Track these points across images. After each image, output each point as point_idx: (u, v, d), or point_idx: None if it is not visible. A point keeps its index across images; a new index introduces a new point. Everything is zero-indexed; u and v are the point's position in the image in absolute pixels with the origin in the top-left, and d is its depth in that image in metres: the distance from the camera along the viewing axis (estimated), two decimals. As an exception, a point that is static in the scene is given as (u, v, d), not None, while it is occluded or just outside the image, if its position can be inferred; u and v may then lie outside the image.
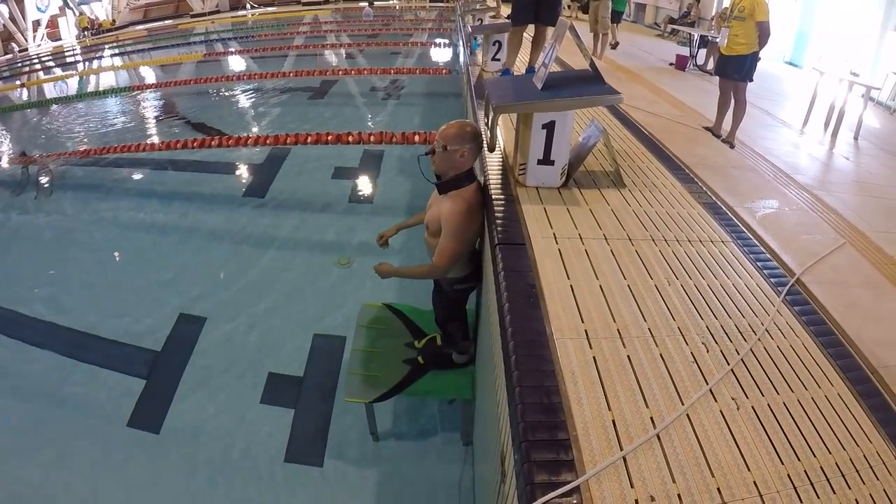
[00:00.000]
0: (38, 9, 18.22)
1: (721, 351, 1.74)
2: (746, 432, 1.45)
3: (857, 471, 1.38)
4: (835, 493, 1.31)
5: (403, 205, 5.73)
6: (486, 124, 3.02)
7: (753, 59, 4.57)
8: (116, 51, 16.36)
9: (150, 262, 4.86)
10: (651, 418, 1.46)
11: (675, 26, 11.89)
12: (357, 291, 4.24)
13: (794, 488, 1.31)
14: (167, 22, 22.56)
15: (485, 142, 2.60)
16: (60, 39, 19.39)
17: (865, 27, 7.92)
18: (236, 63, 12.89)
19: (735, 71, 4.63)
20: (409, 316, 3.31)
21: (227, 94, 10.31)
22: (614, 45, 9.40)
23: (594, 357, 1.66)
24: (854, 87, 5.51)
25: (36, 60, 16.14)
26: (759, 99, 6.00)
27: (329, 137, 6.06)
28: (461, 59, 8.60)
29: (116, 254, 5.07)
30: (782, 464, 1.37)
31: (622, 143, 3.84)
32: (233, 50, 14.26)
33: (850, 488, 1.33)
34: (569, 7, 14.26)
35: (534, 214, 2.54)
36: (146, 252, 5.04)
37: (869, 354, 1.84)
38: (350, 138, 6.09)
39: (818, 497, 1.30)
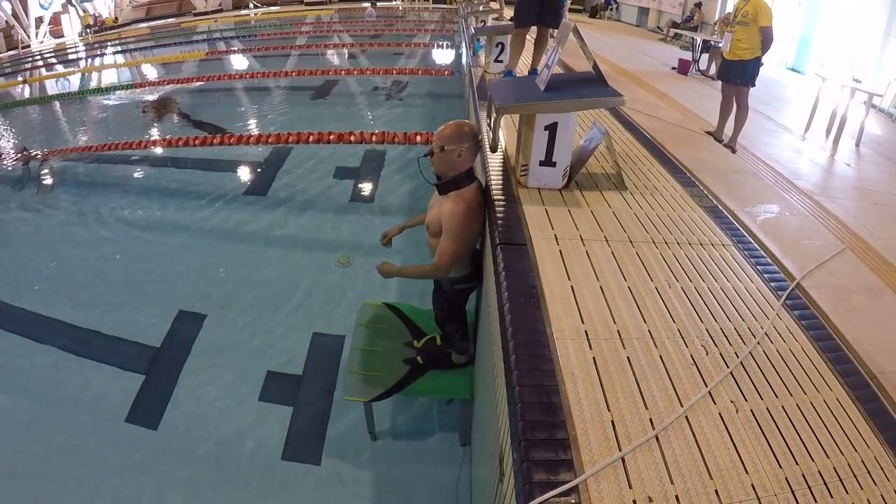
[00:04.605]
0: (41, 6, 18.27)
1: (720, 354, 1.74)
2: (745, 435, 1.45)
3: (855, 475, 1.38)
4: (832, 497, 1.32)
5: (404, 205, 5.75)
6: (489, 125, 3.02)
7: (756, 64, 4.58)
8: (119, 48, 16.37)
9: (150, 258, 4.87)
10: (650, 419, 1.46)
11: (677, 31, 11.92)
12: (357, 290, 4.25)
13: (792, 492, 1.31)
14: (170, 20, 22.60)
15: (486, 142, 2.60)
16: (63, 36, 19.42)
17: (868, 34, 7.94)
18: (239, 62, 12.90)
19: (737, 76, 4.64)
20: (408, 315, 3.31)
21: (229, 92, 10.32)
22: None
23: (594, 358, 1.67)
24: (856, 93, 5.52)
25: (38, 57, 16.16)
26: (761, 104, 6.00)
27: (331, 137, 6.06)
28: (464, 60, 8.61)
29: (116, 250, 5.07)
30: (780, 467, 1.37)
31: (624, 146, 3.84)
32: (235, 49, 14.24)
33: (847, 493, 1.33)
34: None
35: (535, 215, 2.54)
36: (146, 249, 5.04)
37: (868, 359, 1.84)
38: (352, 138, 6.09)
39: (815, 501, 1.30)
